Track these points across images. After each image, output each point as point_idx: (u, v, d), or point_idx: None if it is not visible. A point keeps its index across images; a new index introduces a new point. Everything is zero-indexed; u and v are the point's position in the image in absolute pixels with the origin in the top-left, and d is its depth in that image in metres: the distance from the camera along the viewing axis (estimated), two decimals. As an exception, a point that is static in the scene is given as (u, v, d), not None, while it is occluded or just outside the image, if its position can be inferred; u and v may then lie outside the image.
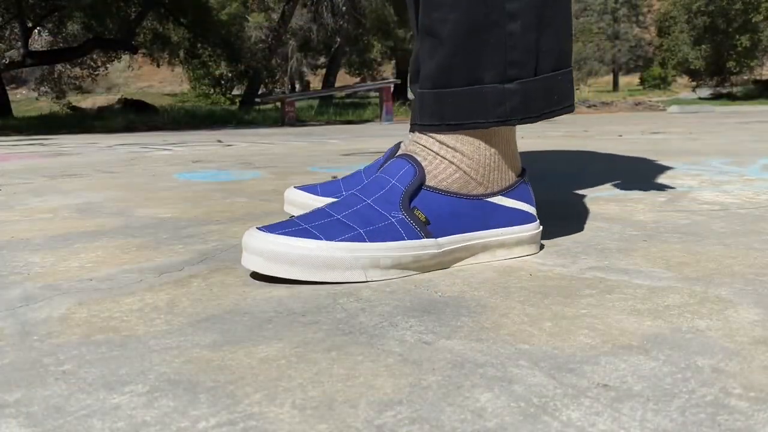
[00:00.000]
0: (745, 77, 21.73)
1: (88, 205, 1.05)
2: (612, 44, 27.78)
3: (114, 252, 0.66)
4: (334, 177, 1.38)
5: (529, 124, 0.73)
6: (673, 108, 9.97)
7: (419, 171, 0.57)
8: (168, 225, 0.83)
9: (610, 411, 0.29)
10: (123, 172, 1.70)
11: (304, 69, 18.99)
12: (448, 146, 0.60)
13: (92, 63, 13.56)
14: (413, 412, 0.30)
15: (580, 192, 1.04)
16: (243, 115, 8.61)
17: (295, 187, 0.84)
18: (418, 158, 0.59)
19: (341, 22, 14.18)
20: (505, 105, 0.58)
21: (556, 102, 0.60)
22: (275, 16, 13.37)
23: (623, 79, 28.06)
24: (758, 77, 22.05)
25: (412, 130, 0.65)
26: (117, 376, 0.34)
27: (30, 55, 10.62)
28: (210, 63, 13.18)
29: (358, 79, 17.79)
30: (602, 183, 1.16)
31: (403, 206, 0.55)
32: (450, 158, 0.59)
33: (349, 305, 0.46)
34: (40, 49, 13.02)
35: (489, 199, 0.60)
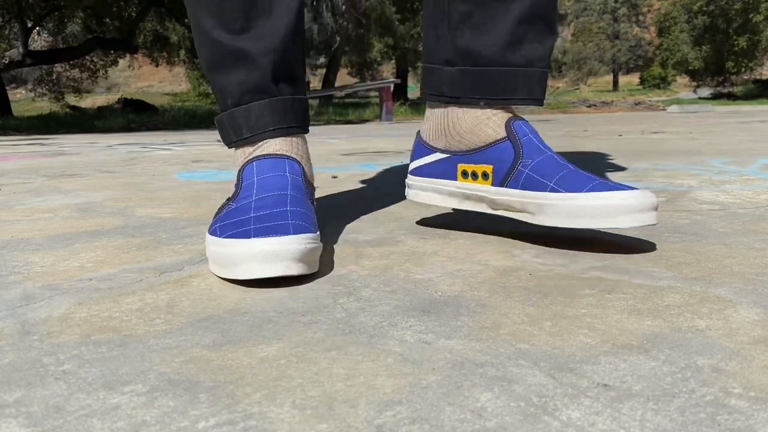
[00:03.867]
0: (745, 77, 21.74)
1: (88, 204, 1.05)
2: (612, 44, 27.78)
3: (114, 252, 0.67)
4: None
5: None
6: (673, 108, 9.97)
7: None
8: (168, 225, 0.83)
9: (610, 411, 0.29)
10: (123, 171, 1.70)
11: (304, 69, 18.94)
12: None
13: (92, 66, 13.57)
14: (413, 412, 0.30)
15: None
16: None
17: None
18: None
19: (341, 22, 14.17)
20: None
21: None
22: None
23: (623, 79, 28.06)
24: (758, 77, 22.05)
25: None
26: (117, 376, 0.34)
27: (30, 55, 10.62)
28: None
29: (357, 79, 17.78)
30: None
31: None
32: None
33: (349, 305, 0.46)
34: (40, 49, 13.01)
35: None
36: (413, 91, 20.63)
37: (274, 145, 0.67)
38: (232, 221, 0.56)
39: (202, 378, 0.34)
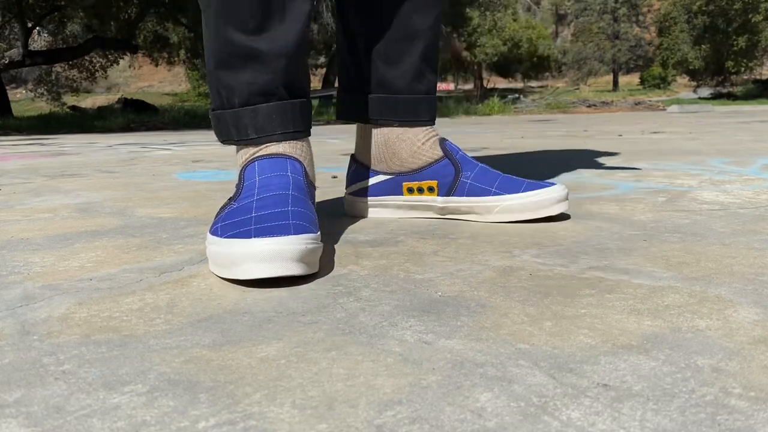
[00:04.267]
0: (745, 77, 21.75)
1: (88, 204, 1.05)
2: (612, 44, 27.78)
3: (114, 252, 0.67)
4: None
5: (528, 125, 0.80)
6: (673, 108, 9.97)
7: None
8: (168, 225, 0.83)
9: (610, 411, 0.29)
10: (123, 171, 1.70)
11: (304, 69, 18.94)
12: None
13: (90, 67, 13.57)
14: (413, 411, 0.30)
15: (580, 192, 1.04)
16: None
17: None
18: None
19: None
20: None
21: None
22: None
23: (623, 79, 28.07)
24: (758, 77, 22.06)
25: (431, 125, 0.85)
26: (117, 376, 0.34)
27: (30, 55, 10.62)
28: (210, 63, 13.15)
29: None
30: (602, 183, 1.16)
31: None
32: None
33: (349, 305, 0.46)
34: (40, 49, 13.02)
35: None
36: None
37: (277, 146, 0.68)
38: (233, 221, 0.56)
39: (202, 378, 0.34)
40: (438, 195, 0.80)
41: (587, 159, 1.70)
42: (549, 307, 0.45)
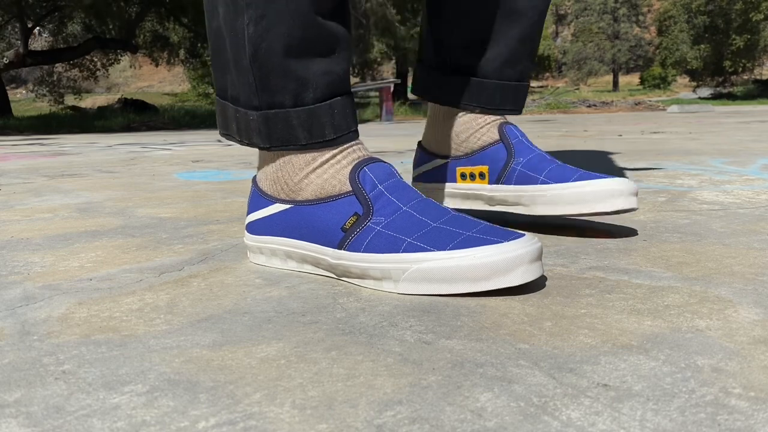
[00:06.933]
0: (745, 77, 21.75)
1: (88, 204, 1.05)
2: (612, 44, 27.78)
3: (114, 252, 0.67)
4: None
5: (528, 125, 0.79)
6: (673, 108, 9.97)
7: None
8: (168, 225, 0.83)
9: (610, 411, 0.29)
10: (123, 171, 1.70)
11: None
12: None
13: (91, 66, 13.58)
14: (413, 411, 0.30)
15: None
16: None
17: None
18: None
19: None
20: None
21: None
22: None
23: (623, 79, 28.07)
24: (758, 77, 22.06)
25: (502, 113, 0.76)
26: (117, 376, 0.34)
27: (30, 55, 10.62)
28: (210, 63, 13.18)
29: (358, 79, 17.79)
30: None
31: None
32: None
33: (349, 305, 0.46)
34: (40, 49, 13.02)
35: None
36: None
37: (359, 149, 0.58)
38: (423, 233, 0.50)
39: (202, 378, 0.34)
40: (489, 182, 0.73)
41: (587, 159, 1.70)
42: (549, 307, 0.45)
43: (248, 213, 0.63)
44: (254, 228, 0.61)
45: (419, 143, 0.82)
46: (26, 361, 0.37)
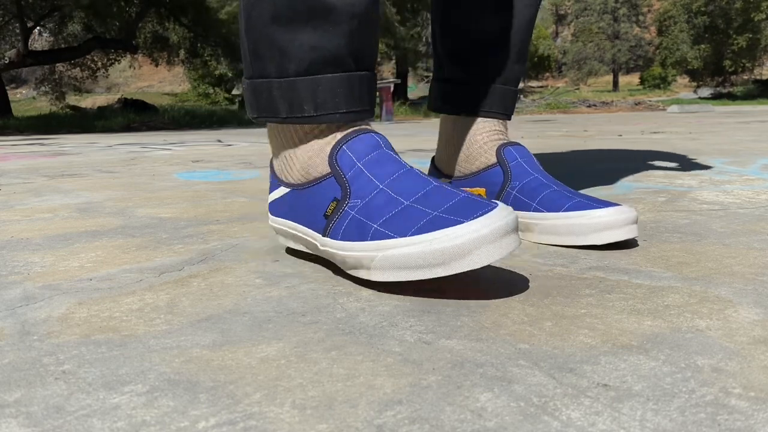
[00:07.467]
0: (745, 77, 21.76)
1: (88, 204, 1.05)
2: (612, 44, 27.78)
3: (114, 252, 0.67)
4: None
5: (528, 125, 0.78)
6: (673, 108, 9.97)
7: None
8: (168, 225, 0.83)
9: (610, 411, 0.29)
10: (123, 171, 1.70)
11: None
12: None
13: (92, 65, 13.58)
14: (413, 411, 0.30)
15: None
16: (243, 115, 8.62)
17: None
18: None
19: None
20: None
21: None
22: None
23: (623, 79, 28.07)
24: (758, 77, 22.06)
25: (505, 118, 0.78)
26: (117, 376, 0.34)
27: (30, 55, 10.62)
28: (211, 62, 13.19)
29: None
30: (602, 183, 1.16)
31: None
32: None
33: (349, 305, 0.46)
34: (41, 49, 13.02)
35: None
36: (413, 91, 20.62)
37: (347, 127, 0.56)
38: (392, 215, 0.49)
39: (202, 378, 0.34)
40: None
41: (587, 160, 1.70)
42: (549, 307, 0.45)
43: (269, 193, 0.64)
44: (272, 209, 0.63)
45: (432, 159, 0.84)
46: (26, 361, 0.37)
